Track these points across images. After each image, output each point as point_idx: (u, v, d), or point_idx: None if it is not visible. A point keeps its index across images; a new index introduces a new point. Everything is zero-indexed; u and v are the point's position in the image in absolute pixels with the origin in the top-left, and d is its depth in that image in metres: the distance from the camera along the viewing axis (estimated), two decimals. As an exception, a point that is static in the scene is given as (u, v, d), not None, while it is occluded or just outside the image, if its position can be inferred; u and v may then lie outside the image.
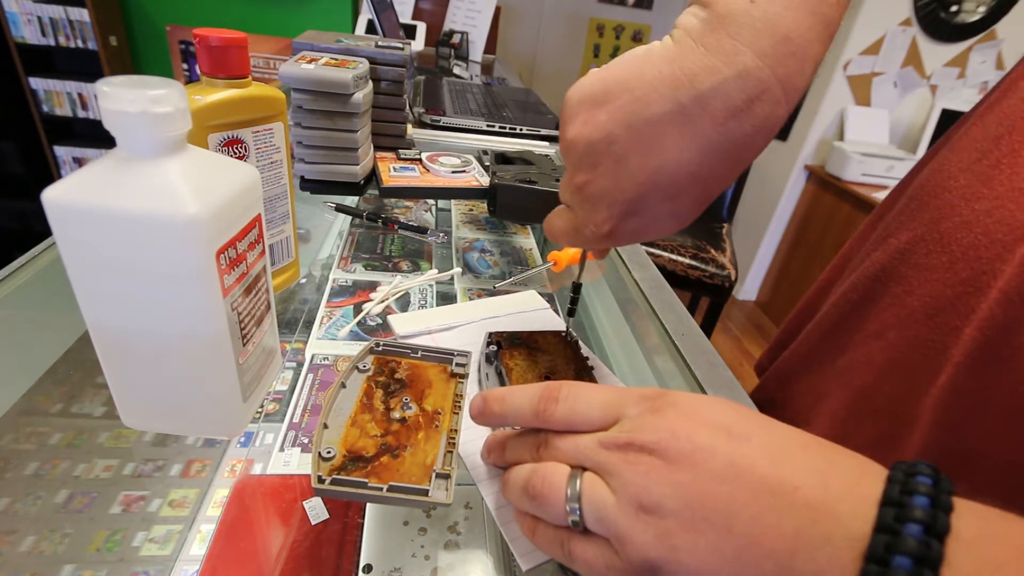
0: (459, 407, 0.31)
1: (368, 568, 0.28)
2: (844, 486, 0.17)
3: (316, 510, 0.31)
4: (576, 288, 0.39)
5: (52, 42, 2.05)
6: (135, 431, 0.33)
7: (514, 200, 0.56)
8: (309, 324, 0.45)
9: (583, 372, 0.35)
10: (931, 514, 0.15)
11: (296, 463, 0.33)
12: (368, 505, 0.31)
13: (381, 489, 0.25)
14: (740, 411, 0.20)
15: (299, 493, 0.31)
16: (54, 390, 0.37)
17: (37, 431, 0.34)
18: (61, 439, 0.34)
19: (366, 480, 0.25)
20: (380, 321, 0.46)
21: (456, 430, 0.29)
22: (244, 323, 0.30)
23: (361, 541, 0.29)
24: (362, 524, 0.30)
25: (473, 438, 0.31)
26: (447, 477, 0.26)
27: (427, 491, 0.25)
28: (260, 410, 0.36)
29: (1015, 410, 0.26)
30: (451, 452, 0.28)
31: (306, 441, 0.35)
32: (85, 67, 2.15)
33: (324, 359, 0.41)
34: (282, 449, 0.34)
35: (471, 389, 0.33)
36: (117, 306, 0.27)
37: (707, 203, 0.26)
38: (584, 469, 0.21)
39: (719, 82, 0.22)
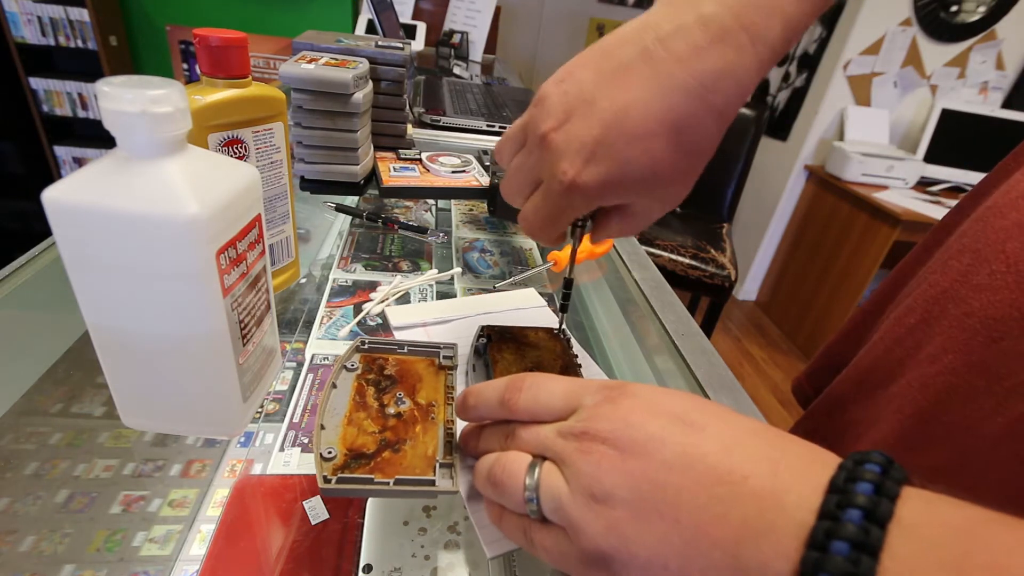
0: (452, 398, 0.31)
1: (368, 568, 0.28)
2: (793, 475, 0.17)
3: (316, 510, 0.31)
4: (568, 283, 0.39)
5: (52, 42, 2.05)
6: (135, 431, 0.33)
7: (514, 200, 0.56)
8: (309, 324, 0.45)
9: (570, 368, 0.35)
10: (873, 500, 0.15)
11: (296, 463, 0.33)
12: (368, 505, 0.31)
13: (388, 483, 0.25)
14: (697, 401, 0.20)
15: (299, 493, 0.31)
16: (54, 390, 0.37)
17: (37, 431, 0.34)
18: (61, 439, 0.34)
19: (372, 476, 0.25)
20: (380, 321, 0.46)
21: (452, 420, 0.29)
22: (244, 323, 0.30)
23: (361, 541, 0.29)
24: (362, 524, 0.30)
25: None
26: (450, 466, 0.27)
27: (433, 481, 0.26)
28: (260, 410, 0.36)
29: None
30: (450, 442, 0.28)
31: (306, 441, 0.35)
32: (85, 67, 2.15)
33: (324, 359, 0.41)
34: (282, 449, 0.34)
35: (460, 380, 0.33)
36: (117, 306, 0.27)
37: (688, 162, 0.25)
38: (545, 459, 0.22)
39: (680, 24, 0.23)
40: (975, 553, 0.14)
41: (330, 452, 0.26)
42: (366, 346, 0.33)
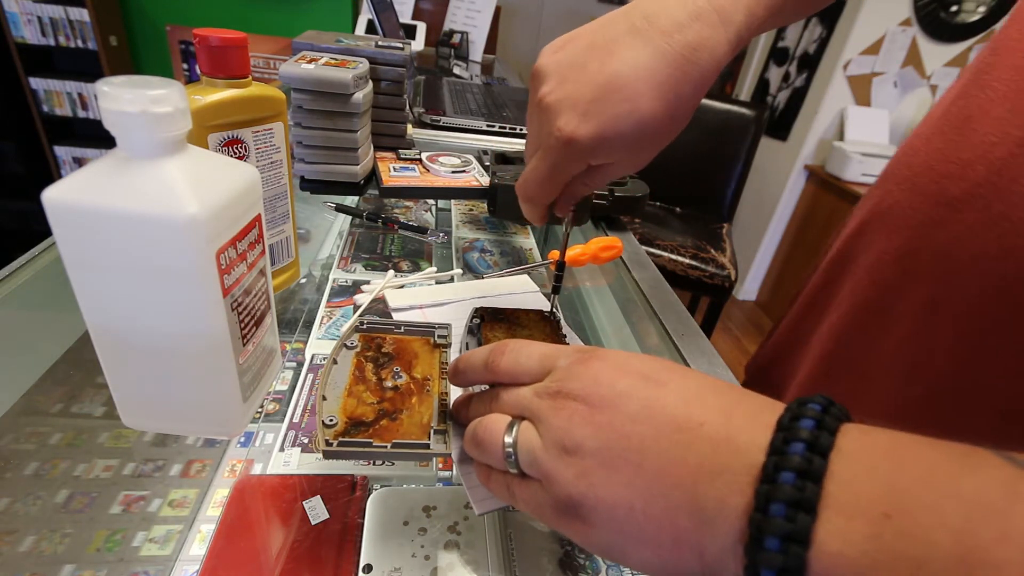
0: (446, 373, 0.32)
1: (368, 568, 0.28)
2: (745, 420, 0.18)
3: (316, 510, 0.31)
4: (560, 266, 0.40)
5: (52, 42, 2.05)
6: (135, 431, 0.33)
7: (514, 200, 0.56)
8: (309, 324, 0.45)
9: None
10: (815, 434, 0.16)
11: (296, 463, 0.33)
12: (368, 505, 0.31)
13: (385, 447, 0.26)
14: (662, 363, 0.22)
15: (299, 493, 0.31)
16: (54, 390, 0.37)
17: (37, 431, 0.34)
18: (61, 439, 0.34)
19: (370, 440, 0.27)
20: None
21: (447, 392, 0.31)
22: (244, 323, 0.30)
23: (361, 541, 0.29)
24: (362, 524, 0.30)
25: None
26: (444, 432, 0.28)
27: (428, 445, 0.27)
28: (260, 410, 0.36)
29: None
30: (444, 411, 0.29)
31: (306, 441, 0.35)
32: (85, 67, 2.15)
33: (324, 359, 0.41)
34: (282, 449, 0.34)
35: (454, 358, 0.34)
36: (117, 306, 0.27)
37: (671, 122, 0.28)
38: (523, 419, 0.23)
39: (664, 5, 0.27)
40: (907, 468, 0.15)
41: (331, 420, 0.27)
42: (365, 326, 0.34)
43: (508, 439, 0.23)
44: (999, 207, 0.29)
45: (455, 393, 0.31)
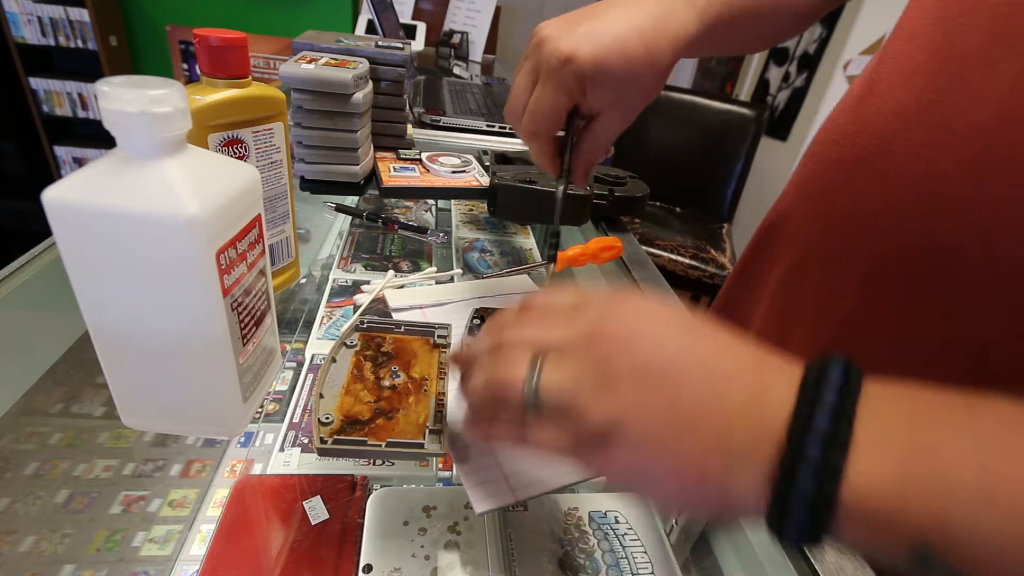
0: (444, 373, 0.32)
1: (368, 568, 0.28)
2: (773, 373, 0.20)
3: (316, 510, 0.31)
4: (555, 234, 0.42)
5: (52, 42, 2.05)
6: (135, 431, 0.33)
7: (514, 200, 0.56)
8: (309, 324, 0.45)
9: None
10: (843, 385, 0.18)
11: (296, 463, 0.33)
12: (368, 505, 0.31)
13: (380, 445, 0.27)
14: (691, 315, 0.23)
15: (299, 493, 0.31)
16: (54, 390, 0.37)
17: (37, 431, 0.34)
18: (61, 439, 0.34)
19: (365, 439, 0.27)
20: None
21: (444, 393, 0.31)
22: (244, 323, 0.30)
23: (361, 541, 0.29)
24: (362, 524, 0.30)
25: (457, 408, 0.31)
26: (440, 432, 0.28)
27: (422, 444, 0.27)
28: (260, 410, 0.36)
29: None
30: (441, 412, 0.29)
31: (306, 441, 0.35)
32: (85, 67, 2.15)
33: (324, 359, 0.41)
34: (282, 449, 0.34)
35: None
36: (117, 306, 0.27)
37: (652, 72, 0.34)
38: (544, 357, 0.23)
39: None
40: (927, 413, 0.17)
41: (327, 418, 0.27)
42: (365, 325, 0.34)
43: (530, 374, 0.22)
44: (880, 165, 0.34)
45: (454, 393, 0.30)
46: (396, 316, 0.43)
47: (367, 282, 0.51)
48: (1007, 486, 0.15)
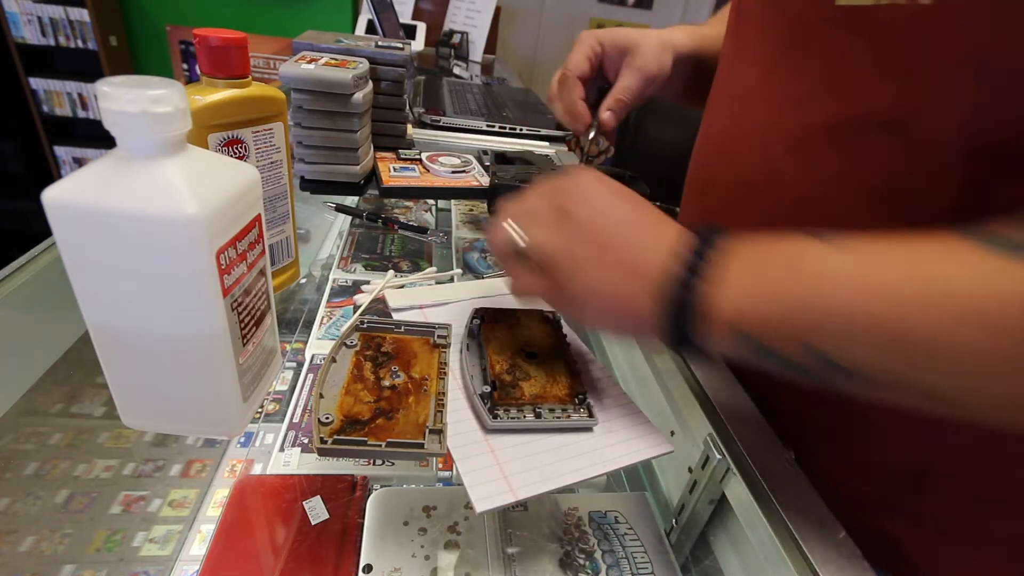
0: (444, 373, 0.32)
1: (368, 568, 0.28)
2: (673, 229, 0.27)
3: (316, 510, 0.31)
4: (589, 160, 0.49)
5: (52, 42, 2.05)
6: (135, 431, 0.33)
7: (514, 200, 0.56)
8: (309, 324, 0.45)
9: (559, 349, 0.36)
10: (718, 230, 0.26)
11: (296, 463, 0.33)
12: (368, 505, 0.31)
13: (380, 445, 0.26)
14: (618, 184, 0.31)
15: (299, 493, 0.31)
16: (54, 390, 0.37)
17: (37, 431, 0.34)
18: (61, 439, 0.34)
19: (365, 439, 0.27)
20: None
21: (444, 392, 0.30)
22: (244, 323, 0.30)
23: (361, 541, 0.29)
24: (362, 524, 0.30)
25: (457, 408, 0.32)
26: (439, 432, 0.28)
27: (422, 444, 0.27)
28: (260, 410, 0.36)
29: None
30: (440, 412, 0.29)
31: (306, 441, 0.35)
32: (85, 67, 2.15)
33: (324, 359, 0.41)
34: (282, 449, 0.34)
35: (454, 358, 0.34)
36: (117, 306, 0.27)
37: (658, 66, 0.46)
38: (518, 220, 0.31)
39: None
40: (778, 245, 0.25)
41: (327, 418, 0.27)
42: (365, 325, 0.34)
43: (508, 235, 0.30)
44: (716, 108, 0.44)
45: (454, 394, 0.31)
46: (396, 316, 0.43)
47: (367, 282, 0.51)
48: (852, 283, 0.21)
